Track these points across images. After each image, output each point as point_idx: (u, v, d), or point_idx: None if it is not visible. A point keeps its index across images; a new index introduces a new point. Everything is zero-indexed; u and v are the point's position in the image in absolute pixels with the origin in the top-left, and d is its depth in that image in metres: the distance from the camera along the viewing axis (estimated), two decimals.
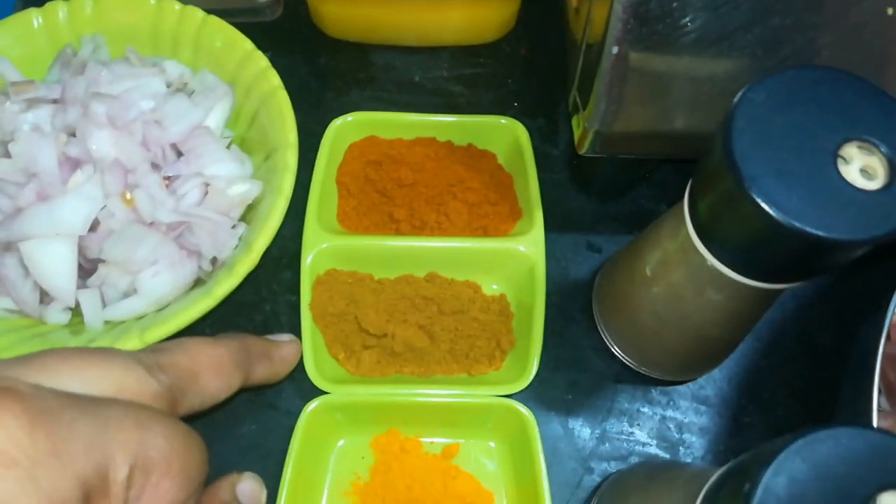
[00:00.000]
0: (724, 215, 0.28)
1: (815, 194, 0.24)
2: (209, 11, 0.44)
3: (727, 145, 0.25)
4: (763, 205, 0.24)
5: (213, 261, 0.40)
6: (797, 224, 0.24)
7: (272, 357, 0.38)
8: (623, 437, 0.42)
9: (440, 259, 0.44)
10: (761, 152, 0.25)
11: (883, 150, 0.25)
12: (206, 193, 0.40)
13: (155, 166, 0.40)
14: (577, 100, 0.39)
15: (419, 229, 0.44)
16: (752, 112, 0.25)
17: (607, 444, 0.42)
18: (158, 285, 0.38)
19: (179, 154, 0.40)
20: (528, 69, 0.51)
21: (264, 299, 0.45)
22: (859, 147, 0.25)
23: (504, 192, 0.46)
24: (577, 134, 0.40)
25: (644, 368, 0.42)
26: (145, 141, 0.39)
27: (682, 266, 0.33)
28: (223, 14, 0.45)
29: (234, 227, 0.40)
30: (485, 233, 0.45)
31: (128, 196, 0.38)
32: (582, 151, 0.40)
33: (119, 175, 0.38)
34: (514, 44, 0.52)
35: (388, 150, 0.46)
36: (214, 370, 0.32)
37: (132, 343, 0.35)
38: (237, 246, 0.40)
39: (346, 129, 0.46)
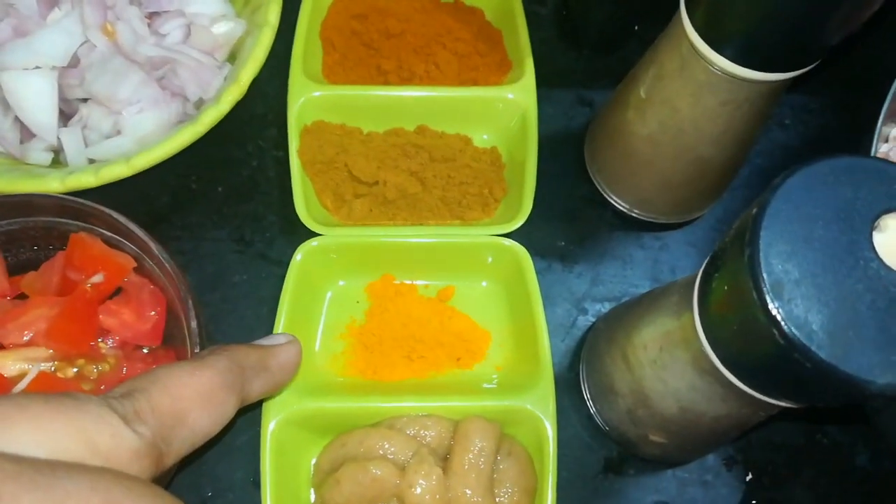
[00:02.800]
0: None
1: None
2: None
3: None
4: None
5: (200, 104, 0.39)
6: None
7: (269, 367, 0.30)
8: (616, 279, 0.42)
9: (430, 110, 0.43)
10: None
11: None
12: (190, 35, 0.39)
13: (135, 1, 0.38)
14: None
15: (408, 80, 0.43)
16: None
17: (601, 287, 0.42)
18: (142, 122, 0.37)
19: None
20: None
21: (251, 155, 0.44)
22: None
23: (493, 43, 0.45)
24: None
25: (637, 211, 0.42)
26: None
27: (678, 75, 0.33)
28: None
29: (220, 67, 0.39)
30: (475, 84, 0.44)
31: (109, 27, 0.37)
32: None
33: (98, 8, 0.37)
34: None
35: (373, 4, 0.45)
36: (203, 403, 0.26)
37: (119, 169, 0.34)
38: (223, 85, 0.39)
39: None
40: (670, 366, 0.30)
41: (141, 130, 0.37)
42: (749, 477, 0.39)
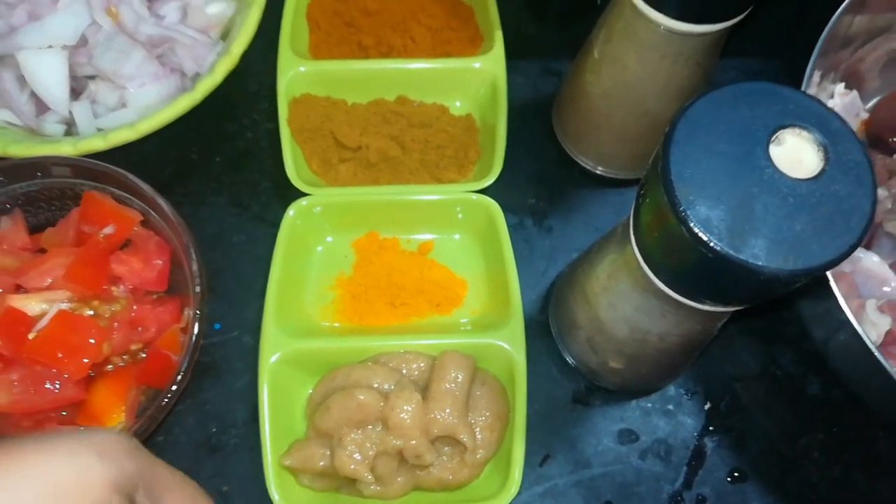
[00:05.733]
0: None
1: None
2: None
3: None
4: None
5: (196, 78, 0.43)
6: None
7: None
8: (583, 231, 0.46)
9: (408, 81, 0.47)
10: None
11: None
12: (186, 15, 0.43)
13: None
14: None
15: (386, 54, 0.47)
16: None
17: (568, 239, 0.46)
18: (145, 96, 0.41)
19: None
20: None
21: (245, 127, 0.48)
22: None
23: (465, 20, 0.49)
24: None
25: (601, 168, 0.46)
26: None
27: (624, 35, 0.37)
28: None
29: (214, 45, 0.43)
30: (449, 56, 0.48)
31: (113, 10, 0.41)
32: None
33: None
34: None
35: None
36: None
37: (125, 133, 0.38)
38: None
39: None
40: (617, 290, 0.34)
41: (144, 103, 0.41)
42: (707, 405, 0.42)
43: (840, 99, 0.47)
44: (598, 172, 0.46)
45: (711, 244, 0.24)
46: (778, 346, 0.44)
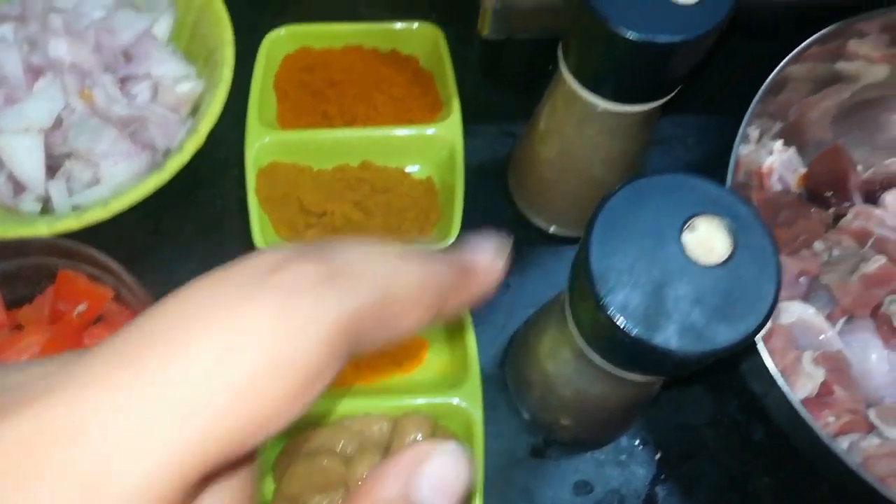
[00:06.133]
0: (583, 47, 0.34)
1: (645, 8, 0.31)
2: None
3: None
4: (606, 22, 0.30)
5: (167, 153, 0.46)
6: (627, 31, 0.30)
7: (469, 288, 0.23)
8: (540, 288, 0.48)
9: (371, 147, 0.49)
10: None
11: None
12: (157, 94, 0.45)
13: (109, 69, 0.45)
14: None
15: (350, 122, 0.50)
16: None
17: (526, 295, 0.48)
18: (117, 173, 0.43)
19: (130, 59, 0.46)
20: None
21: (216, 195, 0.50)
22: None
23: (426, 88, 0.51)
24: (480, 21, 0.46)
25: (554, 227, 0.48)
26: (99, 46, 0.44)
27: (565, 110, 0.39)
28: None
29: (183, 121, 0.46)
30: (411, 122, 0.50)
31: (86, 93, 0.43)
32: (485, 34, 0.46)
33: (77, 77, 0.43)
34: None
35: (319, 58, 0.51)
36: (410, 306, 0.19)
37: (98, 213, 0.40)
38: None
39: (280, 42, 0.51)
40: (560, 356, 0.36)
41: (117, 179, 0.43)
42: (658, 455, 0.44)
43: (778, 156, 0.49)
44: (552, 232, 0.48)
45: (627, 330, 0.26)
46: (725, 395, 0.46)
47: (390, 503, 0.17)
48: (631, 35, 0.30)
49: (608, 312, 0.27)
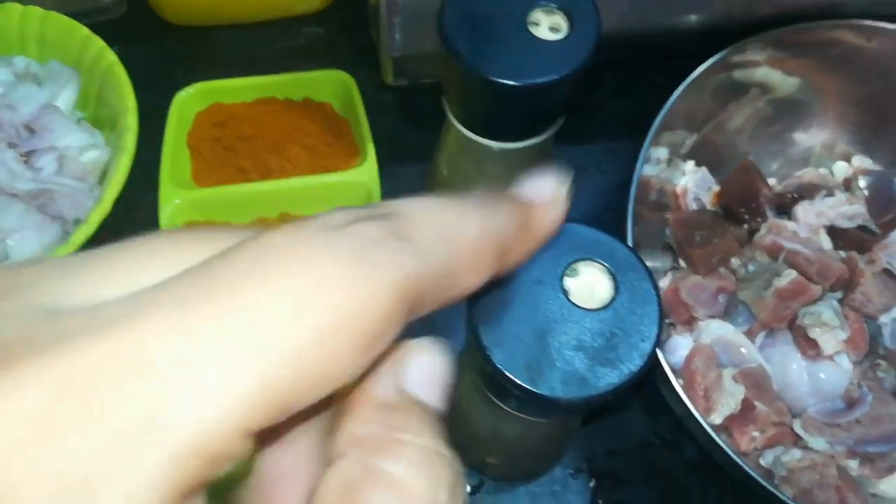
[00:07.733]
0: (459, 94, 0.35)
1: (511, 52, 0.31)
2: None
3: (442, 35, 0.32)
4: (472, 69, 0.31)
5: (78, 223, 0.45)
6: (496, 78, 0.31)
7: (532, 232, 0.22)
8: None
9: (288, 198, 0.49)
10: (469, 35, 0.32)
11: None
12: (62, 165, 0.45)
13: (11, 145, 0.44)
14: (375, 35, 0.46)
15: (265, 175, 0.50)
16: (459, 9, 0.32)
17: (454, 342, 0.48)
18: (26, 247, 0.43)
19: (33, 132, 0.45)
20: (355, 29, 0.58)
21: None
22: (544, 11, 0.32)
23: (340, 134, 0.52)
24: (383, 69, 0.47)
25: None
26: None
27: (461, 152, 0.40)
28: (72, 17, 0.50)
29: (92, 190, 0.45)
30: (326, 171, 0.50)
31: None
32: (388, 80, 0.46)
33: None
34: (341, 7, 0.59)
35: (231, 113, 0.51)
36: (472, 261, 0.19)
37: None
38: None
39: (190, 100, 0.51)
40: (474, 401, 0.36)
41: (26, 254, 0.43)
42: (593, 483, 0.45)
43: (691, 176, 0.50)
44: None
45: (515, 381, 0.27)
46: (656, 416, 0.46)
47: (388, 398, 0.18)
48: (500, 80, 0.31)
49: (494, 364, 0.27)
